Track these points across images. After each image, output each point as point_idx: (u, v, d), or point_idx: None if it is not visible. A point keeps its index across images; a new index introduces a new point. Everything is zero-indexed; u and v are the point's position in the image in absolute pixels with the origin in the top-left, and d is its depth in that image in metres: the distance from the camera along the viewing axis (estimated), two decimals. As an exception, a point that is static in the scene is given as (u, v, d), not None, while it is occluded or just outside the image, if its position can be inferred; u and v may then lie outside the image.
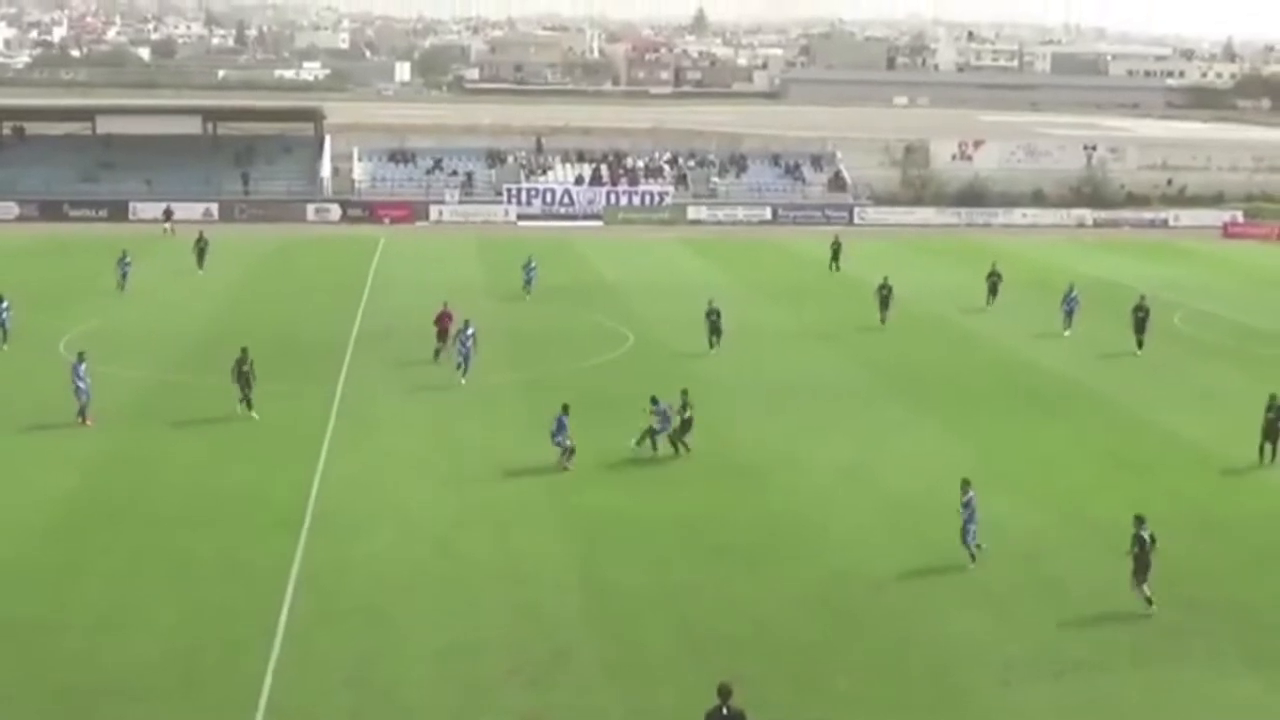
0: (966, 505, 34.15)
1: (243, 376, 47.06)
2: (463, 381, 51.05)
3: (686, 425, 43.92)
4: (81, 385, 45.96)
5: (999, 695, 28.00)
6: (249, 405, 46.85)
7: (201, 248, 79.66)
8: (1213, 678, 28.90)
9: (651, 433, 43.78)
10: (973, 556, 34.29)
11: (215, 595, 31.85)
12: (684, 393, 44.78)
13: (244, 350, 47.42)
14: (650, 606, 31.88)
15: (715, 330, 59.08)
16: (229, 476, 40.86)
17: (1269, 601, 33.08)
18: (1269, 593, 33.67)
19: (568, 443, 42.32)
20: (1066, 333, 64.15)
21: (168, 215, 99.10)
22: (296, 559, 34.18)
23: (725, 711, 22.87)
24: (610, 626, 30.76)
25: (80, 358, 46.66)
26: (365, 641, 29.62)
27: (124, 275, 72.66)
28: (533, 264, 73.54)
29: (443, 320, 56.90)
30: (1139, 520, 32.74)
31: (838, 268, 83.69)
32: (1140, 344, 60.29)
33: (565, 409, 42.74)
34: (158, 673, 27.98)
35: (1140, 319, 60.47)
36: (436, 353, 56.11)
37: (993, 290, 71.78)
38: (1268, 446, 44.35)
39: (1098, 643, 30.39)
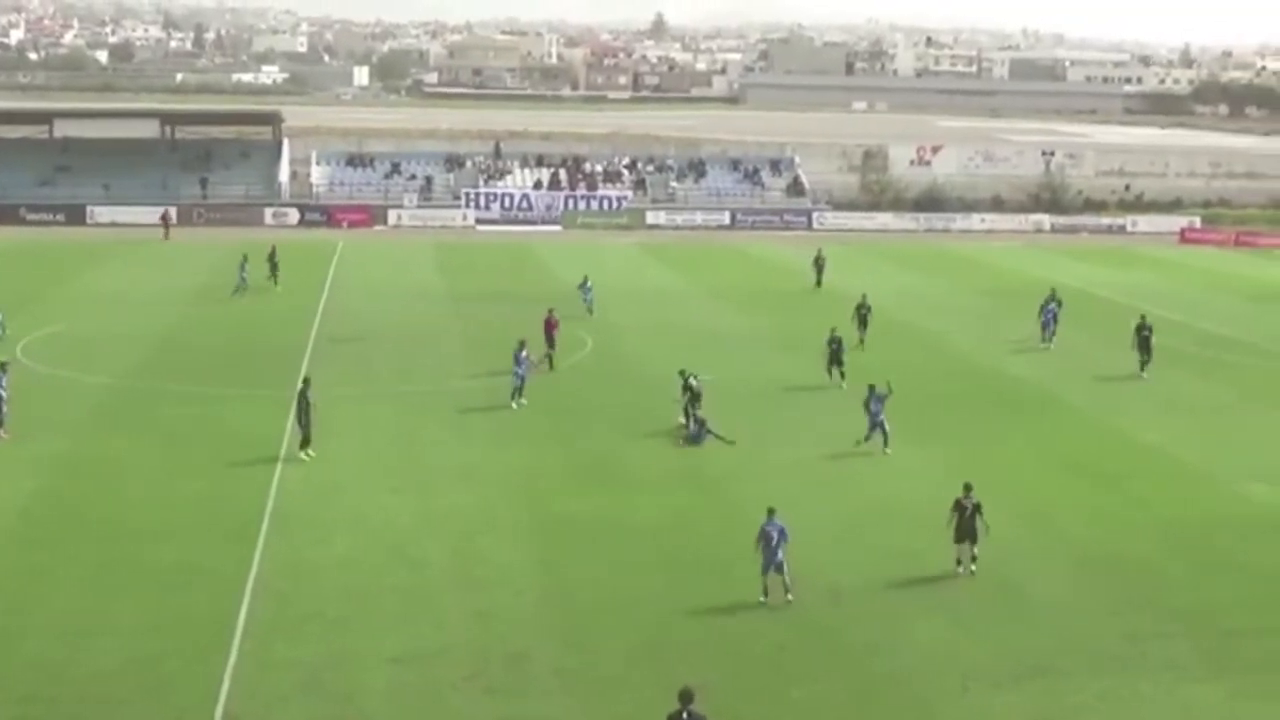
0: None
1: (304, 410, 43.12)
2: (524, 401, 50.22)
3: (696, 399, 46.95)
4: (2, 394, 45.08)
5: (958, 702, 27.93)
6: (307, 443, 43.15)
7: (274, 261, 76.84)
8: (1172, 684, 28.87)
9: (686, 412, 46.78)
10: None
11: (174, 602, 31.57)
12: (682, 371, 47.93)
13: (307, 380, 44.58)
14: (609, 613, 31.75)
15: (863, 323, 61.80)
16: (187, 482, 40.55)
17: (1229, 607, 33.12)
18: (1229, 598, 33.72)
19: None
20: (1050, 346, 63.31)
21: (165, 220, 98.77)
22: (254, 565, 33.93)
23: (686, 716, 22.75)
24: (569, 633, 30.61)
25: (2, 368, 45.88)
26: (322, 647, 29.41)
27: (243, 279, 73.73)
28: (589, 283, 70.31)
29: (549, 327, 56.67)
30: (966, 488, 34.47)
31: (819, 284, 79.72)
32: (1144, 364, 57.70)
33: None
34: (118, 680, 27.72)
35: (1145, 338, 57.85)
36: (549, 359, 55.96)
37: (1143, 346, 58.95)
38: None
39: (1058, 649, 30.36)
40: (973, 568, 34.51)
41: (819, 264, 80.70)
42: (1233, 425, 50.80)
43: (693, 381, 47.38)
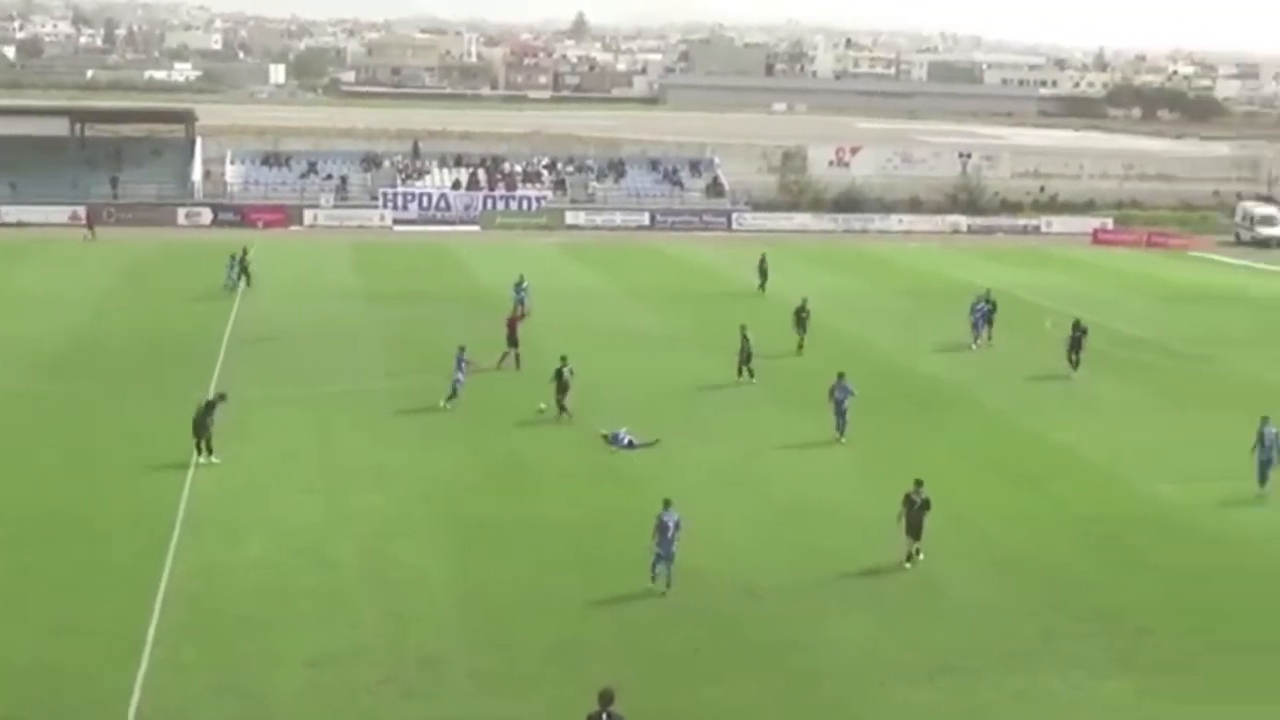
0: None
1: (203, 422, 42.19)
2: (446, 405, 49.89)
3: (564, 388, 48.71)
4: None
5: (875, 698, 28.08)
6: (209, 450, 42.17)
7: (245, 263, 76.16)
8: (1084, 680, 29.18)
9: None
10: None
11: (83, 608, 31.17)
12: (564, 358, 49.07)
13: (221, 397, 43.88)
14: (524, 614, 31.66)
15: (801, 326, 61.79)
16: (98, 485, 40.09)
17: (1139, 606, 33.47)
18: (1138, 597, 34.08)
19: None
20: (976, 347, 64.03)
21: (89, 221, 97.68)
22: (166, 568, 33.57)
23: (606, 717, 22.71)
24: (484, 634, 30.51)
25: None
26: (236, 651, 29.17)
27: (241, 274, 75.17)
28: (524, 283, 68.37)
29: (511, 326, 57.30)
30: (917, 483, 35.32)
31: (764, 289, 77.97)
32: (1075, 364, 58.36)
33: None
34: (25, 689, 27.42)
35: (1077, 338, 58.46)
36: (515, 358, 56.47)
37: (1075, 346, 58.80)
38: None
39: (973, 647, 30.59)
40: (918, 559, 35.16)
41: (763, 269, 79.39)
42: (1145, 426, 51.30)
43: (565, 372, 48.63)
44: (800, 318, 61.86)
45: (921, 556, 35.21)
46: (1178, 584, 35.07)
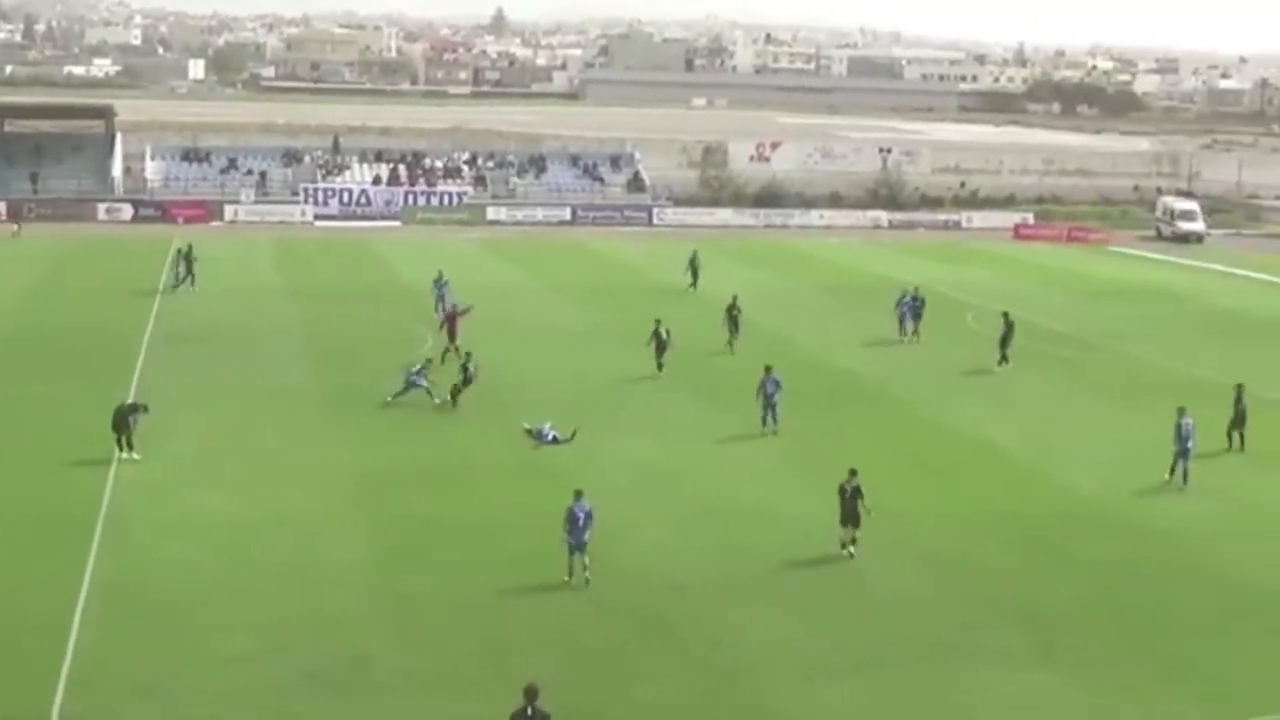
0: None
1: (124, 422, 42.16)
2: (388, 400, 49.81)
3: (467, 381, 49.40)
4: None
5: (799, 694, 28.21)
6: (130, 447, 42.03)
7: (190, 259, 74.43)
8: (1007, 672, 29.45)
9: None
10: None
11: (5, 608, 30.84)
12: (468, 354, 50.29)
13: (145, 407, 43.61)
14: (452, 613, 31.63)
15: (734, 325, 61.61)
16: (17, 485, 39.67)
17: (1058, 598, 33.80)
18: (1058, 590, 34.40)
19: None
20: (904, 339, 64.79)
21: (15, 216, 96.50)
22: (88, 568, 33.30)
23: (530, 713, 22.74)
24: (411, 633, 30.47)
25: None
26: (160, 650, 28.97)
27: (178, 275, 73.84)
28: (444, 279, 67.17)
29: (451, 322, 57.47)
30: (851, 473, 35.68)
31: (695, 287, 77.38)
32: (1004, 359, 59.12)
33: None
34: (-59, 690, 27.10)
35: (1005, 334, 59.23)
36: (444, 353, 56.05)
37: (1003, 342, 59.77)
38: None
39: (896, 640, 30.81)
40: (852, 549, 35.44)
41: (694, 266, 78.84)
42: (1066, 420, 51.72)
43: (470, 367, 49.28)
44: (731, 315, 61.91)
45: (851, 550, 35.41)
46: (1098, 577, 35.40)
